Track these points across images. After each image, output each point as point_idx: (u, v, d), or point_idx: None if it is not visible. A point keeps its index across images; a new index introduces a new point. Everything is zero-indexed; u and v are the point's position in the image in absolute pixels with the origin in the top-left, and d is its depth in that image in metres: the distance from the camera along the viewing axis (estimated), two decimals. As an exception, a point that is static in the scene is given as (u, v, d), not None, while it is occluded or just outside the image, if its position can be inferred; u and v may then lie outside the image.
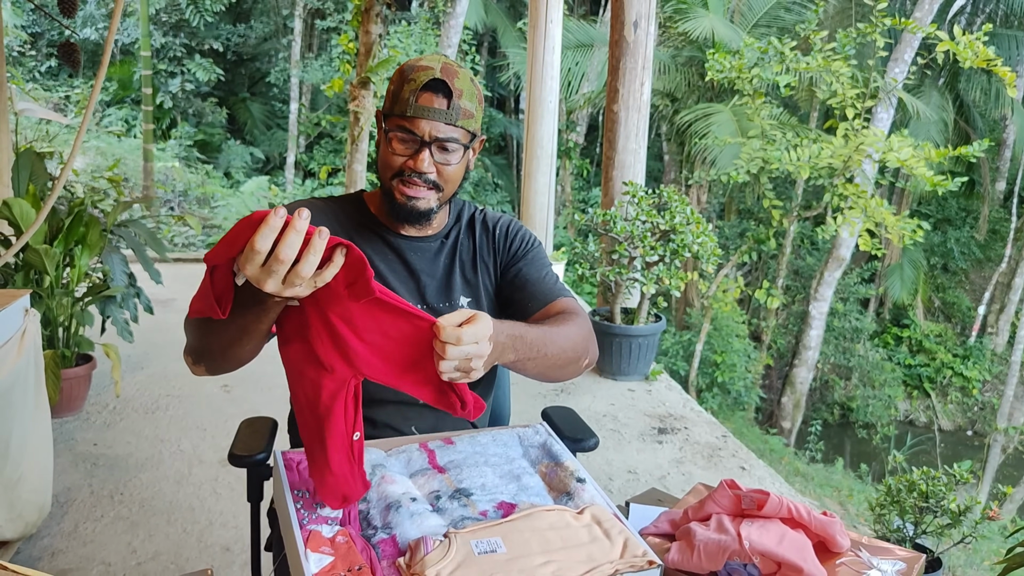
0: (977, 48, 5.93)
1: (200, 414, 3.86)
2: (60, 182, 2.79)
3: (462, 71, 1.42)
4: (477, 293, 1.58)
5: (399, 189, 1.43)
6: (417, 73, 1.39)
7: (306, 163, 14.45)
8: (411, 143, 1.40)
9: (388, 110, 1.43)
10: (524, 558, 1.08)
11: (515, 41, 13.51)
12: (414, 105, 1.38)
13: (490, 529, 1.14)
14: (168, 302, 5.71)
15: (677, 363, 10.05)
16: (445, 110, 1.38)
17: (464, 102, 1.40)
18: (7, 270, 3.42)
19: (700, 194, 11.56)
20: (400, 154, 1.42)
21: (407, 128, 1.39)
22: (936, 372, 13.27)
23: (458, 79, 1.39)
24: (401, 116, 1.39)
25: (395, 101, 1.41)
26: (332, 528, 1.14)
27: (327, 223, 1.48)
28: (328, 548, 1.08)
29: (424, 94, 1.38)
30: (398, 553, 1.11)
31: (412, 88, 1.38)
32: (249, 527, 2.80)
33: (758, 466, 3.72)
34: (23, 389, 2.43)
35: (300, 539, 1.09)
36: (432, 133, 1.38)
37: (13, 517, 2.41)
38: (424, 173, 1.41)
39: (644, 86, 5.07)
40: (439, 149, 1.40)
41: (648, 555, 1.12)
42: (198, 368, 1.28)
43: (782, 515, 1.31)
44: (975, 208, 14.35)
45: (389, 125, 1.42)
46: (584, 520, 1.20)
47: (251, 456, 1.54)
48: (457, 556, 1.06)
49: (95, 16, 13.92)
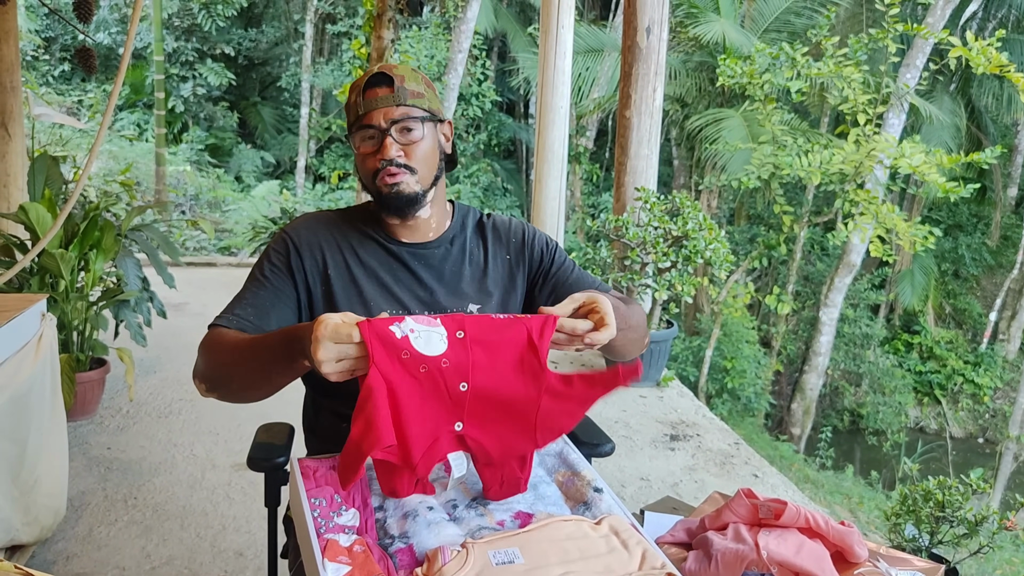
0: (990, 54, 5.92)
1: (213, 418, 3.88)
2: (78, 187, 2.81)
3: (402, 65, 1.49)
4: (487, 300, 1.56)
5: (381, 184, 1.46)
6: (361, 79, 1.48)
7: (317, 167, 14.50)
8: (373, 139, 1.45)
9: (348, 125, 1.50)
10: (542, 569, 1.08)
11: (525, 46, 13.53)
12: (363, 103, 1.43)
13: (508, 539, 1.14)
14: (181, 306, 5.74)
15: (687, 369, 10.03)
16: (391, 94, 1.43)
17: (409, 84, 1.45)
18: (23, 274, 3.44)
19: (710, 199, 11.54)
20: (368, 153, 1.46)
21: (364, 125, 1.44)
22: (947, 379, 13.19)
23: (397, 70, 1.46)
24: (357, 121, 1.45)
25: (348, 111, 1.49)
26: (349, 537, 1.14)
27: (328, 234, 1.53)
28: (345, 557, 1.08)
29: (369, 91, 1.44)
30: (415, 563, 1.11)
31: (357, 92, 1.45)
32: (261, 532, 2.83)
33: (771, 473, 3.71)
34: (40, 393, 2.44)
35: (317, 548, 1.09)
36: (386, 117, 1.42)
37: (29, 521, 2.42)
38: (393, 159, 1.43)
39: (656, 92, 5.07)
40: (399, 132, 1.43)
41: (667, 566, 1.12)
42: (210, 394, 1.35)
43: (800, 525, 1.31)
44: (987, 214, 14.27)
45: (354, 137, 1.48)
46: (602, 531, 1.20)
47: (270, 460, 1.53)
48: (475, 566, 1.06)
49: (108, 21, 14.01)
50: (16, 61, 4.31)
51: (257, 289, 1.46)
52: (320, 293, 1.49)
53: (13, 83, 4.30)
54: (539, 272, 1.61)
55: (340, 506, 1.21)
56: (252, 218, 9.51)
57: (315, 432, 1.60)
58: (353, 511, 1.21)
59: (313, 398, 1.60)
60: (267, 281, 1.47)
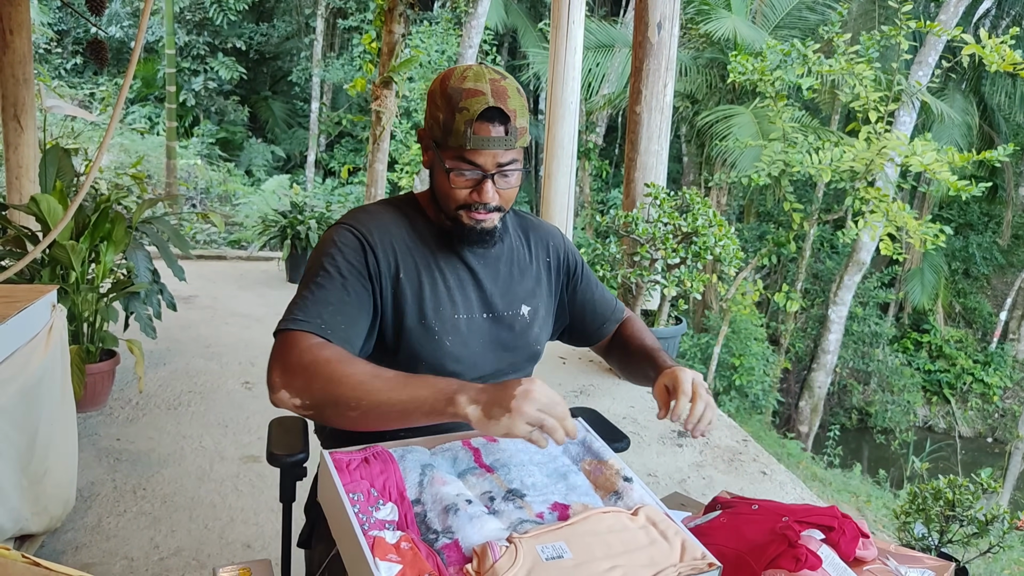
0: (1003, 51, 5.87)
1: (222, 411, 3.89)
2: (88, 179, 2.82)
3: (509, 85, 1.35)
4: (535, 302, 1.58)
5: (466, 217, 1.41)
6: (468, 101, 1.31)
7: (326, 162, 14.53)
8: (471, 175, 1.36)
9: (442, 141, 1.36)
10: (590, 563, 1.08)
11: (535, 42, 13.51)
12: (472, 138, 1.32)
13: (552, 533, 1.14)
14: (191, 299, 5.75)
15: (695, 366, 10.01)
16: (504, 137, 1.33)
17: (519, 122, 1.35)
18: (34, 266, 3.46)
19: (720, 196, 11.51)
20: (463, 187, 1.38)
21: (468, 160, 1.34)
22: (956, 378, 13.14)
23: (510, 100, 1.33)
24: (459, 149, 1.33)
25: (448, 132, 1.34)
26: (394, 533, 1.11)
27: (396, 233, 1.46)
28: (395, 555, 1.06)
29: (481, 124, 1.31)
30: (463, 559, 1.10)
31: (466, 118, 1.31)
32: (269, 524, 2.83)
33: (779, 471, 3.70)
34: (50, 384, 2.45)
35: (367, 547, 1.06)
36: (494, 163, 1.35)
37: (38, 511, 2.43)
38: (489, 203, 1.38)
39: (667, 88, 5.05)
40: (501, 176, 1.37)
41: (707, 557, 1.13)
42: (303, 411, 1.24)
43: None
44: (998, 213, 14.20)
45: (447, 159, 1.36)
46: (640, 521, 1.20)
47: (291, 456, 1.50)
48: (526, 562, 1.06)
49: (120, 14, 14.05)
50: (28, 54, 4.33)
51: (340, 293, 1.36)
52: (390, 295, 1.43)
53: (26, 75, 4.32)
54: (571, 283, 1.65)
55: (377, 500, 1.18)
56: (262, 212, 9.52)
57: (325, 428, 1.60)
58: (391, 505, 1.19)
59: None
60: (348, 284, 1.37)
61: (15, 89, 4.28)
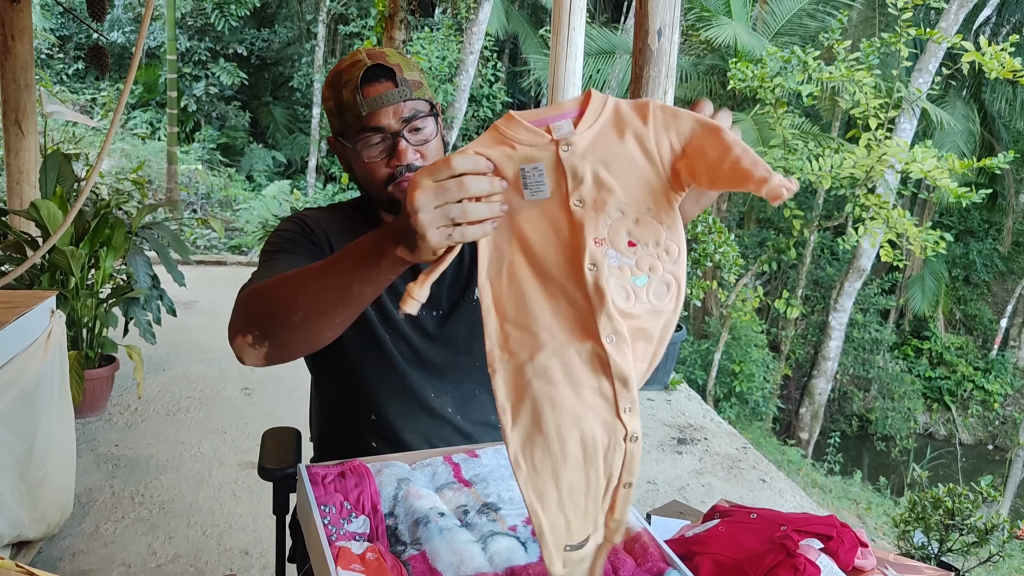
0: (1004, 58, 5.88)
1: (220, 417, 3.88)
2: (88, 185, 2.82)
3: (387, 49, 1.33)
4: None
5: (397, 191, 1.32)
6: (349, 73, 1.30)
7: (328, 167, 14.52)
8: (381, 142, 1.30)
9: (342, 124, 1.33)
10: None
11: (536, 48, 13.53)
12: (364, 102, 1.27)
13: None
14: (190, 304, 5.75)
15: (695, 372, 10.00)
16: (395, 90, 1.28)
17: (408, 74, 1.31)
18: (33, 271, 3.46)
19: (720, 203, 11.51)
20: (377, 157, 1.31)
21: (370, 128, 1.29)
22: (957, 385, 13.13)
23: (388, 56, 1.31)
24: (357, 121, 1.29)
25: (342, 110, 1.31)
26: (361, 544, 1.12)
27: (330, 233, 1.41)
28: (359, 565, 1.06)
29: (368, 87, 1.28)
30: (429, 570, 1.09)
31: (351, 88, 1.28)
32: (267, 531, 2.83)
33: (778, 478, 3.69)
34: (48, 390, 2.45)
35: (330, 556, 1.07)
36: (396, 117, 1.29)
37: (36, 517, 2.43)
38: (411, 163, 1.30)
39: (667, 95, 5.05)
40: (411, 132, 1.31)
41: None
42: (258, 347, 1.10)
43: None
44: (998, 220, 14.20)
45: (352, 137, 1.31)
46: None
47: (283, 469, 1.49)
48: None
49: (122, 20, 14.07)
50: (30, 59, 4.33)
51: (288, 256, 1.30)
52: None
53: (27, 81, 4.32)
54: None
55: (350, 513, 1.19)
56: (263, 217, 9.53)
57: (322, 438, 1.59)
58: (363, 518, 1.19)
59: (319, 405, 1.58)
60: (294, 249, 1.33)
61: (16, 94, 4.28)
